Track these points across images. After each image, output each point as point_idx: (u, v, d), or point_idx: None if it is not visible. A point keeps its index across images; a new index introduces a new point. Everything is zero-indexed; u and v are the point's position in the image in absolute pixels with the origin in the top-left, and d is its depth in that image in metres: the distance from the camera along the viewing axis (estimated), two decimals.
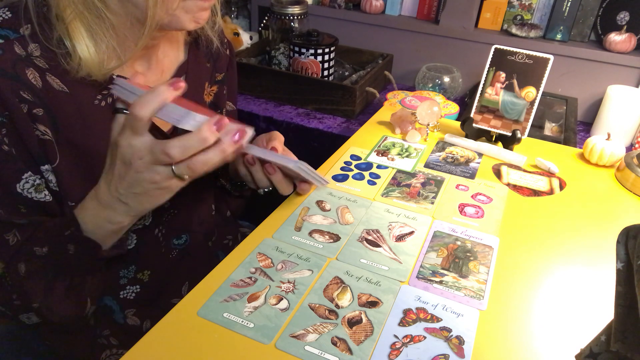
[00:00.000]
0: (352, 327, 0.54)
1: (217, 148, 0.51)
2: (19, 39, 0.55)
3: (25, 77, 0.54)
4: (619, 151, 0.88)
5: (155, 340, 0.51)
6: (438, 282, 0.61)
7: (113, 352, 0.71)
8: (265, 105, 1.34)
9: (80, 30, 0.55)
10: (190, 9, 0.58)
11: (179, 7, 0.57)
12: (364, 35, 1.53)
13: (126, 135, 0.50)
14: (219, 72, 0.79)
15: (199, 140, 0.49)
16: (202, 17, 0.60)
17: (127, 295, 0.72)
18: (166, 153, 0.49)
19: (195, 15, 0.59)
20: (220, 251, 0.86)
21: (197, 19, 0.59)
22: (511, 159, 0.90)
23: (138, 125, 0.49)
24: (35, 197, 0.58)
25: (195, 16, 0.59)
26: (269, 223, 0.70)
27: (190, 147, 0.49)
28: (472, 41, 1.41)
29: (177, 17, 0.57)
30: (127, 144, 0.50)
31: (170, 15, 0.57)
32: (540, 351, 0.53)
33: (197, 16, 0.59)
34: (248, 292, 0.58)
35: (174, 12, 0.57)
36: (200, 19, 0.60)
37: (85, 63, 0.56)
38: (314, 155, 0.86)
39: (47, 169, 0.58)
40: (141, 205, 0.55)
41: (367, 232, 0.69)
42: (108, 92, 0.61)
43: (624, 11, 1.29)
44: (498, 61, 0.90)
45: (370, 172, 0.84)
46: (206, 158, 0.51)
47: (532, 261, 0.66)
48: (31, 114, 0.55)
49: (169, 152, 0.49)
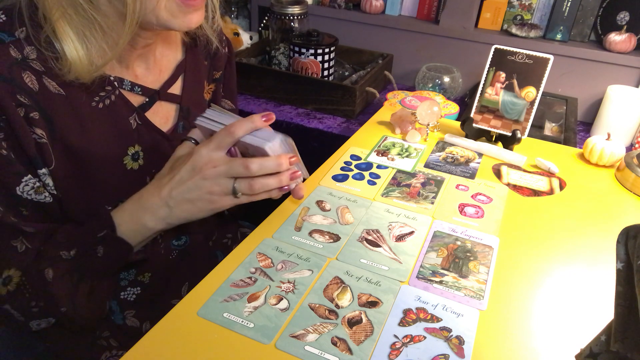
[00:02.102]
0: (352, 327, 0.54)
1: (277, 177, 0.59)
2: (14, 42, 0.54)
3: (22, 80, 0.54)
4: (619, 151, 0.88)
5: (155, 340, 0.51)
6: (438, 282, 0.61)
7: (113, 353, 0.71)
8: (265, 105, 1.34)
9: (68, 32, 0.55)
10: (174, 11, 0.56)
11: (164, 8, 0.55)
12: (364, 35, 1.53)
13: (209, 147, 0.57)
14: (216, 70, 0.79)
15: (276, 164, 0.58)
16: (193, 20, 0.59)
17: (128, 296, 0.72)
18: (246, 166, 0.56)
19: (185, 18, 0.57)
20: (220, 251, 0.86)
21: (188, 21, 0.58)
22: (511, 159, 0.90)
23: (227, 141, 0.57)
24: (35, 198, 0.58)
25: (185, 19, 0.57)
26: (269, 223, 0.70)
27: (267, 167, 0.57)
28: (472, 41, 1.41)
29: (163, 17, 0.56)
30: (207, 153, 0.57)
31: (156, 16, 0.56)
32: (540, 351, 0.53)
33: (187, 19, 0.58)
34: (248, 292, 0.58)
35: (159, 12, 0.55)
36: (191, 22, 0.59)
37: (74, 65, 0.55)
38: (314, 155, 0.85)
39: (45, 173, 0.58)
40: (183, 213, 0.59)
41: (367, 232, 0.69)
42: (106, 94, 0.61)
43: (624, 11, 1.29)
44: (498, 61, 0.90)
45: (370, 172, 0.84)
46: (266, 182, 0.58)
47: (532, 261, 0.66)
48: (28, 118, 0.55)
49: (248, 166, 0.56)
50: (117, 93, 0.62)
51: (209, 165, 0.57)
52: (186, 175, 0.57)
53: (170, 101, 0.71)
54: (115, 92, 0.62)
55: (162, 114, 0.70)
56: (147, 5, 0.54)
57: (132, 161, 0.65)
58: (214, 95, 0.80)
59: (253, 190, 0.58)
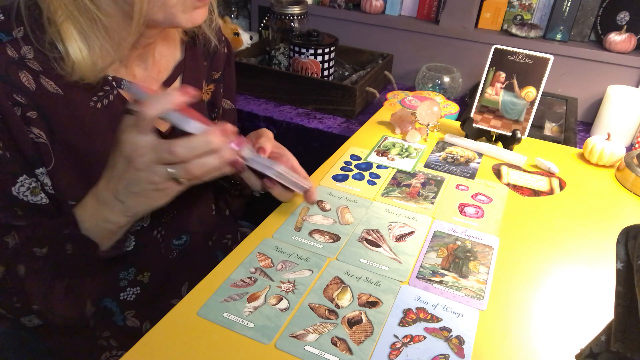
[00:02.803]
0: (352, 327, 0.54)
1: (216, 154, 0.52)
2: (11, 41, 0.54)
3: (19, 80, 0.54)
4: (619, 151, 0.88)
5: (155, 340, 0.51)
6: (438, 282, 0.61)
7: (113, 353, 0.71)
8: (265, 105, 1.34)
9: (72, 33, 0.55)
10: (187, 7, 0.57)
11: (174, 4, 0.56)
12: (364, 35, 1.53)
13: (131, 132, 0.51)
14: (215, 71, 0.79)
15: (204, 142, 0.51)
16: (199, 16, 0.59)
17: (127, 297, 0.72)
18: (171, 151, 0.50)
19: (192, 14, 0.58)
20: (220, 251, 0.86)
21: (194, 17, 0.59)
22: (511, 159, 0.90)
23: (144, 123, 0.50)
24: (31, 200, 0.58)
25: (192, 15, 0.58)
26: (269, 223, 0.70)
27: (195, 147, 0.50)
28: (472, 41, 1.41)
29: (172, 14, 0.56)
30: (131, 141, 0.51)
31: (165, 12, 0.56)
32: (540, 351, 0.53)
33: (194, 15, 0.58)
34: (248, 292, 0.58)
35: (170, 10, 0.56)
36: (197, 18, 0.59)
37: (78, 66, 0.55)
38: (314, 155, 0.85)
39: (42, 172, 0.58)
40: (137, 206, 0.55)
41: (367, 232, 0.69)
42: (104, 94, 0.61)
43: (624, 11, 1.29)
44: (498, 61, 0.90)
45: (370, 172, 0.84)
46: (203, 161, 0.52)
47: (532, 261, 0.66)
48: (25, 117, 0.55)
49: (173, 150, 0.50)
50: (115, 93, 0.62)
51: (136, 154, 0.51)
52: (123, 168, 0.52)
53: None
54: (114, 91, 0.62)
55: None
56: (155, 3, 0.54)
57: None
58: (213, 96, 0.80)
59: (193, 175, 0.52)
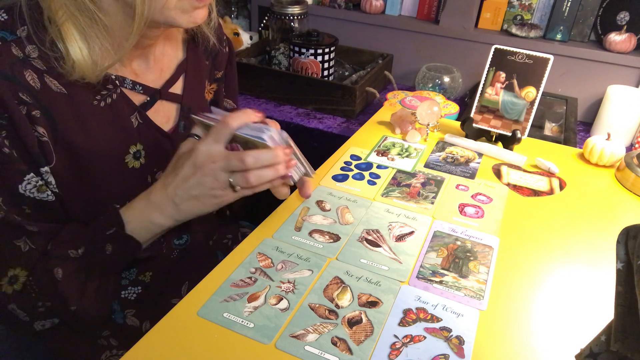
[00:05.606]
0: (352, 327, 0.54)
1: (272, 168, 0.58)
2: (16, 40, 0.54)
3: (24, 78, 0.54)
4: (619, 151, 0.88)
5: (156, 340, 0.51)
6: (438, 282, 0.61)
7: (113, 353, 0.71)
8: (265, 105, 1.34)
9: (73, 33, 0.55)
10: (186, 8, 0.58)
11: (175, 6, 0.56)
12: (364, 35, 1.53)
13: (208, 142, 0.57)
14: (218, 70, 0.79)
15: (271, 156, 0.58)
16: (199, 16, 0.60)
17: (129, 295, 0.72)
18: (241, 159, 0.56)
19: (192, 14, 0.59)
20: (220, 251, 0.86)
21: (194, 18, 0.60)
22: (511, 159, 0.90)
23: (223, 133, 0.57)
24: (37, 197, 0.58)
25: (192, 15, 0.59)
26: (269, 223, 0.70)
27: (262, 159, 0.57)
28: (472, 41, 1.41)
29: (172, 16, 0.57)
30: (206, 149, 0.57)
31: (165, 13, 0.57)
32: (540, 351, 0.53)
33: (194, 15, 0.59)
34: (248, 292, 0.58)
35: (171, 11, 0.57)
36: (197, 18, 0.60)
37: (78, 65, 0.56)
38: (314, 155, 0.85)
39: (46, 171, 0.58)
40: (189, 209, 0.60)
41: (367, 232, 0.69)
42: (107, 92, 0.61)
43: (624, 11, 1.29)
44: (498, 61, 0.90)
45: (370, 172, 0.84)
46: (261, 174, 0.58)
47: (532, 261, 0.66)
48: (30, 116, 0.55)
49: (243, 159, 0.56)
50: (118, 92, 0.62)
51: (208, 161, 0.57)
52: (188, 173, 0.58)
53: (171, 101, 0.71)
54: (117, 90, 0.62)
55: (163, 113, 0.70)
56: (155, 5, 0.55)
57: (133, 160, 0.65)
58: (216, 95, 0.80)
59: (249, 183, 0.58)
